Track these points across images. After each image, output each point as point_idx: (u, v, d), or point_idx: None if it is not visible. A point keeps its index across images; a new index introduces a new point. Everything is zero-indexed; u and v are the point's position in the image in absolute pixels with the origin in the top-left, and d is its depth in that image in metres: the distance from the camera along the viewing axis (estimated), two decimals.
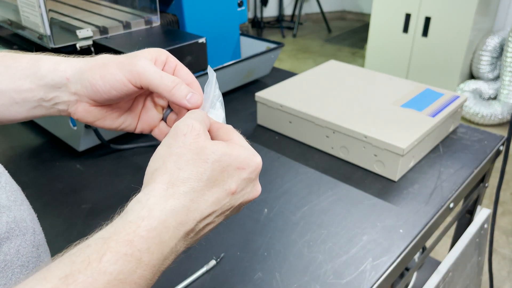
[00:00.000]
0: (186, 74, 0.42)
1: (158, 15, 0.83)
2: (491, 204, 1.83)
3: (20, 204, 0.36)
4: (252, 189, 0.36)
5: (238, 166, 0.34)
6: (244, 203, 0.36)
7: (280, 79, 0.96)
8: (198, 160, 0.33)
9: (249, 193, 0.36)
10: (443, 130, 0.82)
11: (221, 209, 0.34)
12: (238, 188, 0.34)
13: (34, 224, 0.37)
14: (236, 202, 0.35)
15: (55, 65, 0.40)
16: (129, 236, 0.29)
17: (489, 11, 2.63)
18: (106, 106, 0.42)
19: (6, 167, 0.78)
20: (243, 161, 0.35)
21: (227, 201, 0.34)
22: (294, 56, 3.68)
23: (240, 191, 0.35)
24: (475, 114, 2.51)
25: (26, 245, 0.35)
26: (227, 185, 0.34)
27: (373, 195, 0.68)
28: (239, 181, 0.34)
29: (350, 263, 0.56)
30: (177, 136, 0.34)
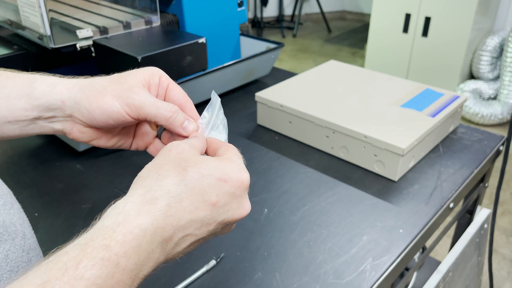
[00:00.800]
0: (178, 94, 0.42)
1: (158, 15, 0.83)
2: (491, 204, 1.83)
3: (9, 208, 0.36)
4: (238, 206, 0.35)
5: (220, 178, 0.33)
6: (231, 221, 0.35)
7: (280, 79, 0.96)
8: (178, 168, 0.33)
9: (235, 210, 0.35)
10: (443, 130, 0.82)
11: (201, 221, 0.33)
12: (219, 201, 0.33)
13: (24, 228, 0.37)
14: (219, 217, 0.34)
15: (50, 86, 0.40)
16: (106, 241, 0.28)
17: (489, 11, 2.63)
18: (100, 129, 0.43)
19: (6, 167, 0.78)
20: (226, 173, 0.34)
21: (208, 213, 0.33)
22: (294, 56, 3.68)
23: (223, 206, 0.34)
24: (475, 114, 2.51)
25: (16, 250, 0.34)
26: (207, 196, 0.33)
27: (373, 195, 0.68)
28: (221, 193, 0.33)
29: (350, 263, 0.56)
30: (163, 152, 0.35)
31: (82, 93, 0.40)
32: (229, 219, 0.35)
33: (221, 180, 0.34)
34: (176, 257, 0.34)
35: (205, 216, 0.33)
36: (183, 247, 0.33)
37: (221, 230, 0.36)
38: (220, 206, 0.33)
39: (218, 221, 0.34)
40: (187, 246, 0.33)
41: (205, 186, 0.33)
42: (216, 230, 0.35)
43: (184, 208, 0.32)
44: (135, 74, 0.41)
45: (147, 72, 0.41)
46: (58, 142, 0.83)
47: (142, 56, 0.68)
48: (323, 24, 4.35)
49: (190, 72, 0.79)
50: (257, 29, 4.20)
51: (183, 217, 0.32)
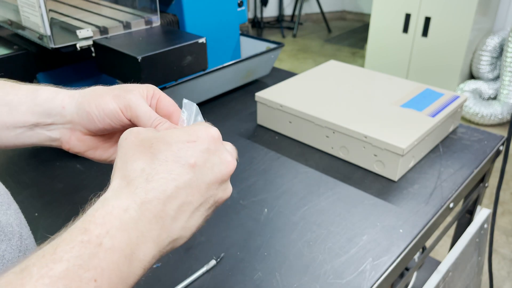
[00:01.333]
0: (168, 102, 0.43)
1: (158, 15, 0.83)
2: (491, 204, 1.83)
3: (6, 208, 0.36)
4: (220, 161, 0.34)
5: (188, 140, 0.33)
6: (221, 179, 0.34)
7: (280, 79, 0.96)
8: (142, 149, 0.32)
9: (219, 166, 0.34)
10: (443, 130, 0.82)
11: (188, 185, 0.32)
12: (197, 161, 0.32)
13: (21, 228, 0.37)
14: (206, 177, 0.33)
15: (53, 93, 0.42)
16: (84, 225, 0.28)
17: (489, 11, 2.63)
18: (99, 137, 0.43)
19: (6, 167, 0.78)
20: (193, 134, 0.33)
21: (192, 175, 0.32)
22: (294, 56, 3.68)
23: (204, 164, 0.33)
24: (475, 114, 2.51)
25: (12, 250, 0.34)
26: (183, 160, 0.32)
27: (373, 195, 0.68)
28: (196, 153, 0.32)
29: (350, 263, 0.56)
30: (120, 142, 0.34)
31: (83, 98, 0.41)
32: (218, 176, 0.34)
33: (190, 141, 0.33)
34: (185, 234, 0.32)
35: (190, 179, 0.32)
36: (184, 220, 0.32)
37: (218, 192, 0.34)
38: (201, 165, 0.33)
39: (207, 182, 0.33)
40: (189, 218, 0.32)
41: (177, 152, 0.32)
42: (213, 193, 0.34)
43: (164, 179, 0.31)
44: (135, 85, 0.42)
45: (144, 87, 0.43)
46: None
47: (142, 56, 0.68)
48: (323, 24, 4.35)
49: (190, 72, 0.79)
50: (257, 29, 4.20)
51: (167, 187, 0.31)
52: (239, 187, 0.71)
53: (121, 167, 0.32)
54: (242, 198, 0.68)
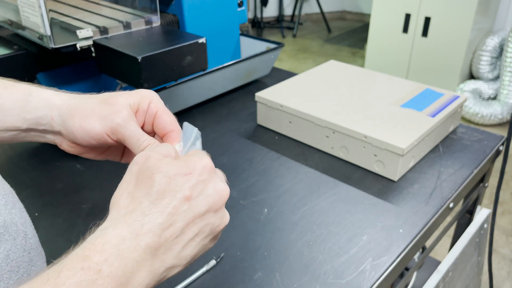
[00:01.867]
0: (165, 122, 0.42)
1: (158, 15, 0.83)
2: (491, 204, 1.83)
3: (11, 207, 0.36)
4: (214, 191, 0.34)
5: (186, 173, 0.33)
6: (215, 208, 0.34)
7: (280, 79, 0.96)
8: (144, 179, 0.33)
9: (213, 195, 0.34)
10: (443, 130, 0.82)
11: (184, 218, 0.32)
12: (192, 193, 0.33)
13: (26, 228, 0.37)
14: (201, 208, 0.33)
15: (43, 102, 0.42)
16: (85, 252, 0.29)
17: (489, 11, 2.63)
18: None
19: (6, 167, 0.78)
20: (189, 166, 0.34)
21: (187, 207, 0.33)
22: (294, 56, 3.68)
23: (198, 195, 0.33)
24: (475, 114, 2.51)
25: (17, 250, 0.34)
26: (180, 193, 0.32)
27: (373, 195, 0.68)
28: (191, 186, 0.33)
29: (350, 263, 0.56)
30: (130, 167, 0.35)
31: (69, 114, 0.41)
32: (212, 205, 0.34)
33: (187, 174, 0.33)
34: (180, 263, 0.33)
35: (185, 211, 0.32)
36: (178, 250, 0.33)
37: (215, 221, 0.35)
38: (196, 197, 0.33)
39: (202, 212, 0.33)
40: (184, 248, 0.33)
41: (175, 186, 0.33)
42: (208, 222, 0.34)
43: (160, 212, 0.32)
44: (126, 97, 0.41)
45: (137, 95, 0.41)
46: None
47: (142, 56, 0.68)
48: (323, 24, 4.35)
49: (190, 72, 0.79)
50: (257, 29, 4.20)
51: (163, 220, 0.32)
52: (239, 187, 0.71)
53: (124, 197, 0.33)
54: (242, 198, 0.68)
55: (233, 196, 0.69)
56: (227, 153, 0.80)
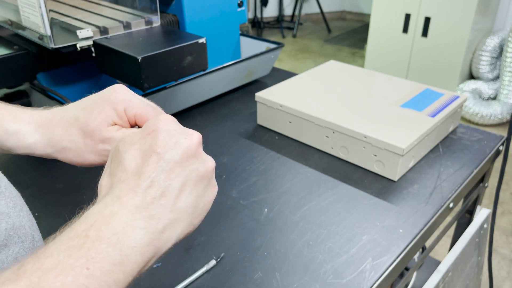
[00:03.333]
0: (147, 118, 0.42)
1: (158, 15, 0.83)
2: (491, 204, 1.83)
3: (19, 210, 0.36)
4: (183, 136, 0.34)
5: (148, 133, 0.34)
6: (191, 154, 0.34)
7: (280, 79, 0.96)
8: (113, 157, 0.35)
9: (183, 141, 0.34)
10: (443, 130, 0.82)
11: (160, 171, 0.32)
12: (159, 146, 0.33)
13: (33, 230, 0.37)
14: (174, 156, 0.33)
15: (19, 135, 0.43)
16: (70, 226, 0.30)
17: (489, 11, 2.63)
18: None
19: (6, 167, 0.78)
20: (149, 128, 0.34)
21: (160, 162, 0.32)
22: (294, 56, 3.68)
23: (165, 146, 0.33)
24: (474, 114, 2.51)
25: (25, 252, 0.34)
26: (147, 152, 0.33)
27: (373, 195, 0.68)
28: (157, 141, 0.33)
29: (350, 263, 0.56)
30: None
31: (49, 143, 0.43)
32: (186, 151, 0.33)
33: (149, 133, 0.34)
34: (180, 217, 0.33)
35: (160, 165, 0.32)
36: (170, 203, 0.32)
37: (199, 167, 0.34)
38: (165, 148, 0.33)
39: (178, 161, 0.33)
40: (176, 200, 0.32)
41: (140, 147, 0.33)
42: (191, 169, 0.34)
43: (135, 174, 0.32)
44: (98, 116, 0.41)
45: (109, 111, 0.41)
46: None
47: (142, 56, 0.69)
48: (323, 24, 4.35)
49: (190, 72, 0.79)
50: (257, 29, 4.20)
51: (140, 181, 0.32)
52: (239, 187, 0.71)
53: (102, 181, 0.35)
54: (242, 198, 0.68)
55: (233, 196, 0.69)
56: (227, 153, 0.80)
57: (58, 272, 0.26)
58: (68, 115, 0.42)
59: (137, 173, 0.32)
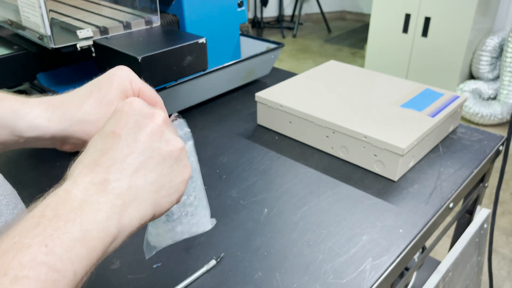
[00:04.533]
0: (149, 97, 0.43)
1: (158, 15, 0.83)
2: (491, 204, 1.83)
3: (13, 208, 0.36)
4: (143, 116, 0.34)
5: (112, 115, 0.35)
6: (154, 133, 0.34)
7: (280, 79, 0.96)
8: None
9: (144, 120, 0.34)
10: (443, 130, 0.82)
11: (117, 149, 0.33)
12: (117, 125, 0.34)
13: None
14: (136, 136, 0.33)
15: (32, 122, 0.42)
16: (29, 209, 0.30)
17: (489, 11, 2.63)
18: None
19: (6, 167, 0.78)
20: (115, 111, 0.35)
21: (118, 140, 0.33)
22: (294, 56, 3.68)
23: (125, 125, 0.34)
24: (475, 114, 2.51)
25: None
26: (105, 131, 0.34)
27: (373, 195, 0.68)
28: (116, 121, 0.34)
29: (350, 263, 0.56)
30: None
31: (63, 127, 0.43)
32: (147, 130, 0.34)
33: (114, 115, 0.35)
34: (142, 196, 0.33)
35: (117, 144, 0.33)
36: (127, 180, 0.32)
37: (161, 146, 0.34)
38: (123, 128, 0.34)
39: (139, 139, 0.33)
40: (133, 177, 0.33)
41: (104, 128, 0.34)
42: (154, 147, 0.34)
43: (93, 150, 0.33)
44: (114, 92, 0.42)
45: (120, 82, 0.42)
46: None
47: (142, 56, 0.69)
48: (323, 24, 4.35)
49: (190, 72, 0.79)
50: (257, 29, 4.20)
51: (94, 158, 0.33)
52: (239, 187, 0.71)
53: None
54: (242, 198, 0.68)
55: (233, 196, 0.69)
56: (227, 153, 0.80)
57: (14, 253, 0.26)
58: (80, 91, 0.43)
59: (94, 153, 0.33)
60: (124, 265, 0.56)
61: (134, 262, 0.57)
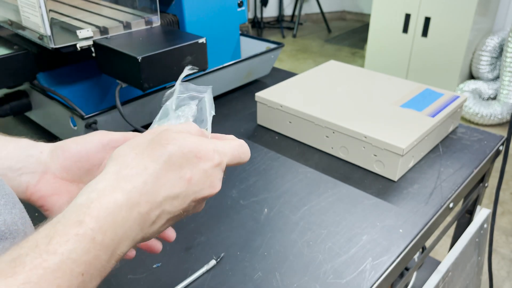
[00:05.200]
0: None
1: (158, 15, 0.83)
2: (491, 204, 1.83)
3: (11, 207, 0.36)
4: (210, 184, 0.35)
5: (197, 155, 0.34)
6: (201, 199, 0.35)
7: (280, 79, 0.96)
8: (156, 145, 0.33)
9: (208, 189, 0.35)
10: (443, 130, 0.82)
11: (176, 197, 0.33)
12: (193, 177, 0.33)
13: (26, 227, 0.37)
14: (193, 194, 0.34)
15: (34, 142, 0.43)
16: (79, 217, 0.28)
17: (489, 11, 2.63)
18: (69, 184, 0.44)
19: None
20: (205, 152, 0.34)
21: (183, 190, 0.33)
22: (294, 56, 3.68)
23: (196, 183, 0.34)
24: (474, 114, 2.51)
25: None
26: (183, 172, 0.33)
27: (373, 195, 0.68)
28: (195, 170, 0.33)
29: (350, 263, 0.56)
30: (144, 132, 0.36)
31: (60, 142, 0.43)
32: (200, 196, 0.35)
33: (198, 157, 0.34)
34: (152, 237, 0.33)
35: (180, 193, 0.33)
36: (159, 225, 0.33)
37: (192, 209, 0.35)
38: (194, 184, 0.34)
39: (191, 198, 0.34)
40: (163, 224, 0.33)
41: (183, 163, 0.33)
42: (189, 207, 0.35)
43: (160, 185, 0.32)
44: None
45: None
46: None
47: (142, 56, 0.68)
48: (323, 24, 4.35)
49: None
50: (257, 29, 4.20)
51: (159, 194, 0.32)
52: (239, 187, 0.71)
53: (128, 155, 0.33)
54: (242, 198, 0.68)
55: (233, 196, 0.69)
56: None
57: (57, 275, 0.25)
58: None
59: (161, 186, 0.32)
60: (124, 265, 0.56)
61: (134, 262, 0.57)
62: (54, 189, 0.44)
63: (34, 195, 0.44)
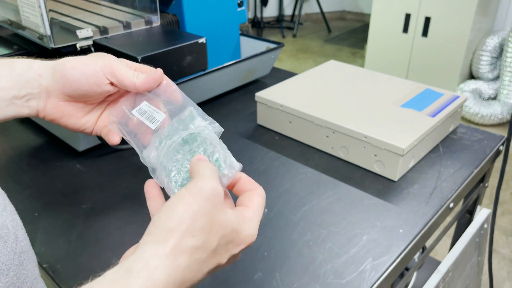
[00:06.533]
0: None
1: (158, 15, 0.83)
2: (491, 204, 1.83)
3: (2, 210, 0.36)
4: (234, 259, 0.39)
5: (239, 243, 0.37)
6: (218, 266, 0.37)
7: (280, 79, 0.96)
8: (211, 231, 0.34)
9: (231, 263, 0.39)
10: (443, 130, 0.82)
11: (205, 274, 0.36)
12: (228, 262, 0.37)
13: (17, 230, 0.37)
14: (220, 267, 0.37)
15: (29, 63, 0.45)
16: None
17: (489, 11, 2.63)
18: (73, 104, 0.46)
19: (6, 167, 0.78)
20: (244, 239, 0.37)
21: (215, 269, 0.36)
22: (294, 56, 3.68)
23: (227, 263, 0.37)
24: (475, 114, 2.51)
25: (7, 252, 0.34)
26: (221, 258, 0.36)
27: (373, 195, 0.68)
28: (231, 256, 0.37)
29: (350, 263, 0.56)
30: (200, 198, 0.34)
31: (59, 62, 0.45)
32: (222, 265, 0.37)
33: (238, 244, 0.37)
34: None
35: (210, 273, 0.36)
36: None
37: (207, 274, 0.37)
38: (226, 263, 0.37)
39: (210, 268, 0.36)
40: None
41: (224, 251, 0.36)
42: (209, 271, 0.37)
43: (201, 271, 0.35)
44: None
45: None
46: (58, 142, 0.83)
47: (142, 56, 0.68)
48: (323, 24, 4.35)
49: (190, 72, 0.79)
50: (257, 29, 4.20)
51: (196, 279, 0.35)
52: None
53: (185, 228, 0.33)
54: None
55: (233, 196, 0.69)
56: None
57: None
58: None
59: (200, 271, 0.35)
60: None
61: None
62: (61, 112, 0.46)
63: (47, 118, 0.47)
